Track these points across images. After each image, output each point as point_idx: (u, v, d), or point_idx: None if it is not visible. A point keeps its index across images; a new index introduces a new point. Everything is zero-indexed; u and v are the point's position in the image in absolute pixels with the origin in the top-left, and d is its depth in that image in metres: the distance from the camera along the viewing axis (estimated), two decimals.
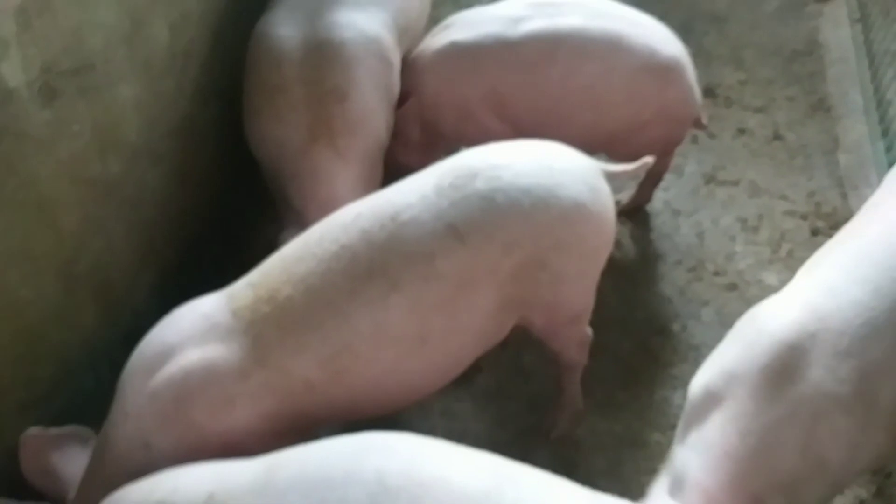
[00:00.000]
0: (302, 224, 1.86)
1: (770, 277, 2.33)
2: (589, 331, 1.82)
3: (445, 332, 1.47)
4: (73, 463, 1.51)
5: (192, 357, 1.41)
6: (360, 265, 1.42)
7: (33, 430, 1.47)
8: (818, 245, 2.35)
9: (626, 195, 2.46)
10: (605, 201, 1.57)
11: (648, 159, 1.66)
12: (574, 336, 1.77)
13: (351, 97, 1.88)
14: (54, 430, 1.50)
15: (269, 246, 1.73)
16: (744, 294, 2.29)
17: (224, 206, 2.19)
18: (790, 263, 2.35)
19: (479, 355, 1.62)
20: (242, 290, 1.49)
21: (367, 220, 1.47)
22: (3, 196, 1.37)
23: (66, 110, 1.47)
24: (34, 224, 1.46)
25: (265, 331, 1.42)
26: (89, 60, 1.51)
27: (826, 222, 2.46)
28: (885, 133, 2.53)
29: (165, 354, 1.43)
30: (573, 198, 1.49)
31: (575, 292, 1.64)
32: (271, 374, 1.41)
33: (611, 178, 1.62)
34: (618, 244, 2.43)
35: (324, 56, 1.90)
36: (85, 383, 1.67)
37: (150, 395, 1.41)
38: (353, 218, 1.49)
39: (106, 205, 1.65)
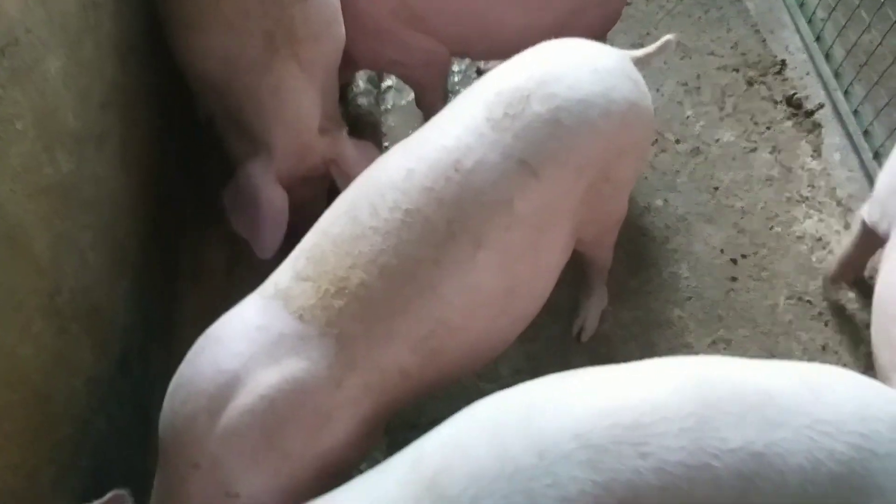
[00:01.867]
0: (266, 153, 1.60)
1: (726, 135, 2.39)
2: None
3: (530, 277, 1.34)
4: None
5: (270, 380, 1.16)
6: (437, 230, 1.23)
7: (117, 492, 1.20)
8: (758, 95, 2.47)
9: None
10: (647, 93, 1.46)
11: (670, 37, 1.56)
12: (614, 238, 1.71)
13: None
14: None
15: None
16: (707, 156, 2.34)
17: (173, 186, 1.84)
18: (739, 117, 2.43)
19: None
20: (297, 286, 1.25)
21: (426, 176, 1.26)
22: None
23: (6, 105, 1.10)
24: (10, 260, 1.11)
25: (347, 328, 1.20)
26: (12, 34, 1.13)
27: (756, 71, 2.54)
28: None
29: (229, 385, 1.17)
30: (627, 99, 1.37)
31: (626, 196, 1.56)
32: (365, 375, 1.22)
33: (639, 63, 1.51)
34: None
35: None
36: (99, 428, 1.37)
37: (225, 438, 1.16)
38: (405, 176, 1.27)
39: (68, 215, 1.30)
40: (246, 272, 1.75)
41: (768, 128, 2.41)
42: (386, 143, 2.32)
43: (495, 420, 1.01)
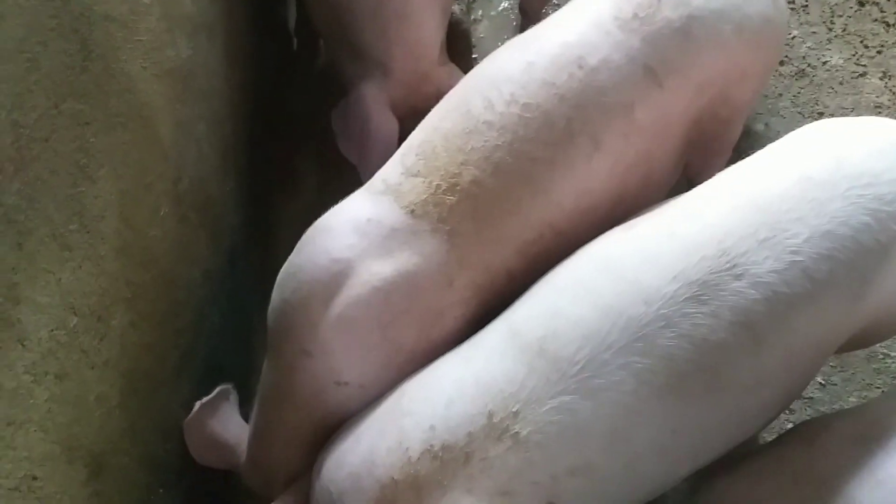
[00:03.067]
0: (382, 77, 1.54)
1: (833, 57, 2.25)
2: None
3: (638, 189, 1.27)
4: (229, 425, 1.28)
5: (384, 272, 1.13)
6: (555, 128, 1.16)
7: (191, 416, 1.23)
8: (869, 16, 2.32)
9: None
10: (785, 8, 1.35)
11: None
12: (721, 167, 1.63)
13: None
14: (205, 401, 1.25)
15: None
16: (813, 79, 2.22)
17: (273, 85, 1.80)
18: (848, 39, 2.28)
19: None
20: (407, 182, 1.20)
21: (547, 71, 1.18)
22: (111, 110, 0.99)
23: None
24: (142, 141, 1.09)
25: (458, 226, 1.15)
26: None
27: None
28: None
29: (343, 274, 1.13)
30: (763, 15, 1.25)
31: (741, 122, 1.46)
32: (475, 274, 1.18)
33: None
34: None
35: None
36: (214, 321, 1.38)
37: (338, 326, 1.13)
38: (524, 69, 1.20)
39: (186, 101, 1.27)
40: (337, 188, 1.74)
41: (879, 52, 2.27)
42: (475, 56, 2.24)
43: (582, 283, 1.03)
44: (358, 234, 1.17)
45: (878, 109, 2.16)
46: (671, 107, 1.22)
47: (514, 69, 1.21)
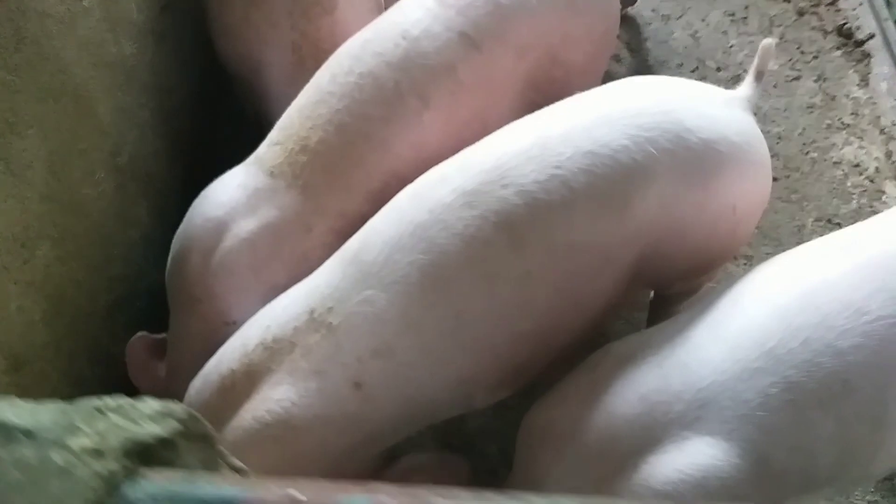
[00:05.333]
0: None
1: (769, 63, 2.38)
2: None
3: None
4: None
5: (250, 225, 1.37)
6: (386, 89, 1.37)
7: (137, 338, 1.45)
8: (808, 25, 2.45)
9: None
10: None
11: None
12: None
13: (340, 6, 1.64)
14: (155, 336, 1.47)
15: None
16: None
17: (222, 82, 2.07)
18: (784, 46, 2.42)
19: None
20: (269, 150, 1.43)
21: (378, 44, 1.40)
22: (42, 85, 1.26)
23: None
24: (75, 114, 1.35)
25: (311, 180, 1.37)
26: None
27: (809, 1, 2.51)
28: None
29: (217, 231, 1.38)
30: None
31: (592, 83, 1.62)
32: (332, 221, 1.38)
33: None
34: (616, 58, 2.43)
35: None
36: (151, 280, 1.61)
37: (218, 274, 1.37)
38: (360, 46, 1.42)
39: (129, 91, 1.54)
40: None
41: (815, 57, 2.40)
42: None
43: (394, 206, 1.23)
44: (227, 197, 1.41)
45: (809, 109, 2.29)
46: (493, 68, 1.40)
47: (354, 46, 1.44)
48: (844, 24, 2.42)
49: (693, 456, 0.99)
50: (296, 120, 1.41)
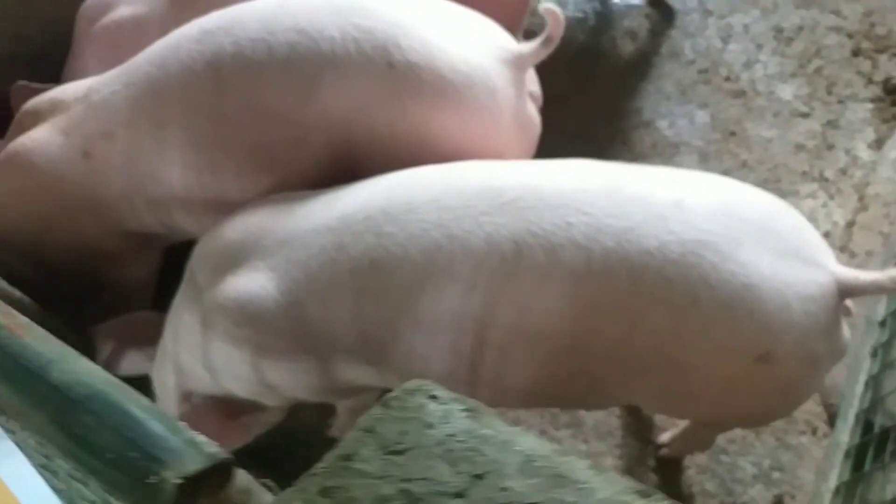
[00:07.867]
0: None
1: (785, 91, 2.19)
2: None
3: None
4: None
5: (125, 13, 1.66)
6: None
7: (21, 83, 1.75)
8: (854, 67, 2.20)
9: None
10: None
11: None
12: None
13: None
14: (41, 86, 1.73)
15: None
16: (749, 103, 2.19)
17: None
18: (813, 80, 2.20)
19: None
20: None
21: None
22: None
23: None
24: None
25: None
26: None
27: (872, 44, 2.24)
28: None
29: (103, 7, 1.69)
30: None
31: None
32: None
33: None
34: (633, 35, 2.35)
35: None
36: None
37: (92, 41, 1.68)
38: None
39: None
40: None
41: (840, 102, 2.15)
42: None
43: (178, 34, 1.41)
44: None
45: (796, 149, 2.09)
46: None
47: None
48: (894, 79, 2.14)
49: (249, 282, 1.13)
50: None
